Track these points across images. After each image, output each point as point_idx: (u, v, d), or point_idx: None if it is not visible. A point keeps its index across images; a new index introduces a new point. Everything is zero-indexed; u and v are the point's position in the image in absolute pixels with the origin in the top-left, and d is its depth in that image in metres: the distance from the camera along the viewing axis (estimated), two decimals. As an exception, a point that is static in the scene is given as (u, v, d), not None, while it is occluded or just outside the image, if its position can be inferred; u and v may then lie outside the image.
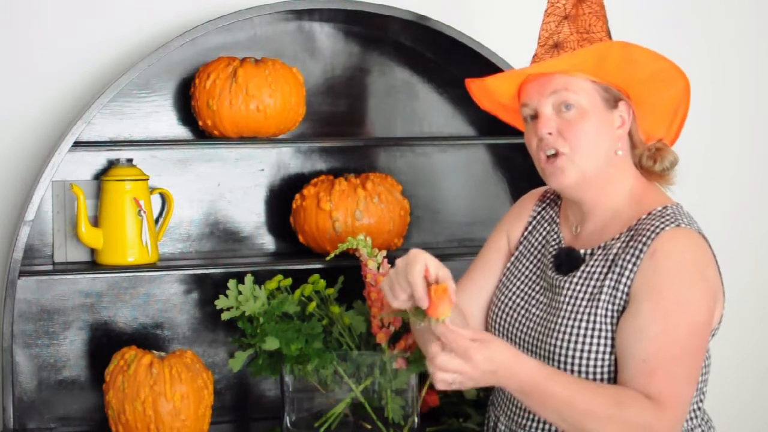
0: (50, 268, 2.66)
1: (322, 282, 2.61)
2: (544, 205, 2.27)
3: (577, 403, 1.90)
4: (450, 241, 2.99)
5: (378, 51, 2.92)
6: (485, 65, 2.74)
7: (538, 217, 2.26)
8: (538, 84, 2.05)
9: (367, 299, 2.57)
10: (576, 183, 2.05)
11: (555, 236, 2.19)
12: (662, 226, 1.99)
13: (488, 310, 2.25)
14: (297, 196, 2.79)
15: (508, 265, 2.25)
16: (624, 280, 2.00)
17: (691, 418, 2.10)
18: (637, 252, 1.99)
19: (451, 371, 1.86)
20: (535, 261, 2.20)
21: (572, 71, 2.03)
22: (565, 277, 2.09)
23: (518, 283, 2.20)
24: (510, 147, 2.97)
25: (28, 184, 2.72)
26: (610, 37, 2.12)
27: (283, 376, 2.58)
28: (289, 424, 2.59)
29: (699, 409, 2.12)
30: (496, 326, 2.20)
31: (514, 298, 2.19)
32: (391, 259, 2.65)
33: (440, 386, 1.89)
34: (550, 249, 2.17)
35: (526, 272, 2.21)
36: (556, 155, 2.05)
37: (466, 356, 1.85)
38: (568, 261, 2.10)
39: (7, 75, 2.72)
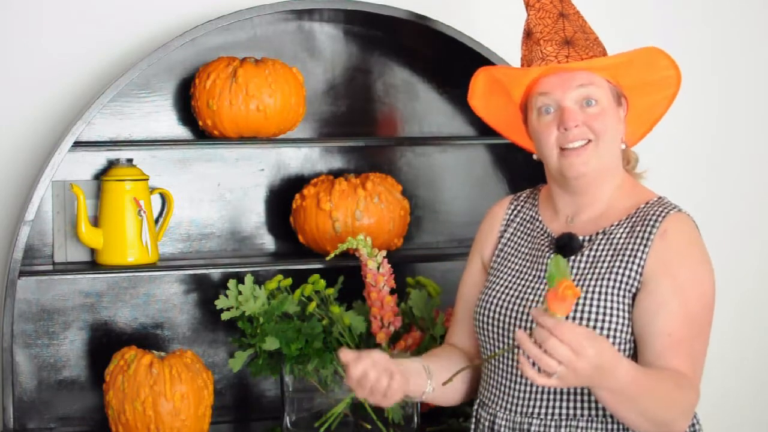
0: (50, 268, 2.66)
1: (322, 282, 2.61)
2: (517, 206, 2.29)
3: (659, 393, 1.91)
4: (450, 241, 2.99)
5: (378, 51, 2.92)
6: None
7: (516, 218, 2.27)
8: (561, 78, 2.09)
9: (367, 299, 2.57)
10: (593, 172, 2.09)
11: (542, 232, 2.19)
12: (667, 210, 2.07)
13: (474, 312, 2.20)
14: (297, 196, 2.79)
15: (490, 269, 2.24)
16: (637, 260, 2.04)
17: None
18: (646, 234, 2.05)
19: (558, 359, 1.78)
20: (521, 256, 2.20)
21: (600, 70, 2.09)
22: (570, 262, 2.10)
23: (506, 277, 2.17)
24: (510, 147, 2.95)
25: (28, 184, 2.72)
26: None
27: (283, 376, 2.58)
28: (289, 424, 2.59)
29: None
30: (488, 321, 2.15)
31: (504, 291, 2.15)
32: (391, 259, 2.65)
33: (541, 380, 1.80)
34: (542, 241, 2.18)
35: (514, 266, 2.19)
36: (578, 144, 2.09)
37: (579, 348, 1.78)
38: (570, 244, 2.12)
39: (8, 75, 2.72)
